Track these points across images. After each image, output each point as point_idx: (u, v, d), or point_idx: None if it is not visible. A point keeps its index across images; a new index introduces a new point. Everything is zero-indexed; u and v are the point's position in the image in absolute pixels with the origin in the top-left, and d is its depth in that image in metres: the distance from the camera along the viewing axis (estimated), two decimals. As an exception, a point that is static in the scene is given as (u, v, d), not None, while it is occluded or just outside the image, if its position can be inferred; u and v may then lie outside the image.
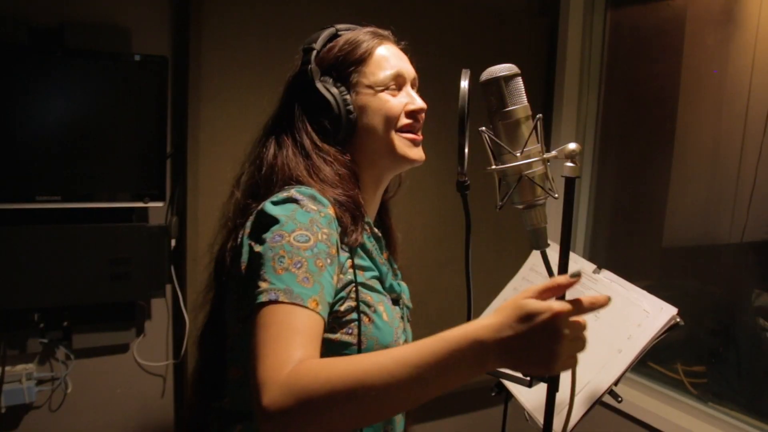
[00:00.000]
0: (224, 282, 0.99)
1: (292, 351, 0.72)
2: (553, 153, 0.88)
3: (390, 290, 1.05)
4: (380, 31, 1.07)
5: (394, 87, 1.03)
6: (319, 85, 0.99)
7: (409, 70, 1.07)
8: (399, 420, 1.04)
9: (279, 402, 0.68)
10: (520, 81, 0.87)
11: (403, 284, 1.11)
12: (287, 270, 0.80)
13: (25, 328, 1.76)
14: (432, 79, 2.17)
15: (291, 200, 0.88)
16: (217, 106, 1.85)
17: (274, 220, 0.86)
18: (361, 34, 1.04)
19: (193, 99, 1.84)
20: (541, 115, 0.87)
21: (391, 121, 1.01)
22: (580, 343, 0.70)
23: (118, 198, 1.76)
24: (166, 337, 1.99)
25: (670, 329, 1.20)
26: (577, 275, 0.72)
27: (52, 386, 1.85)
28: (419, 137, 1.05)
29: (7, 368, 1.75)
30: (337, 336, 0.92)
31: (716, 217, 2.13)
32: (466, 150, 0.90)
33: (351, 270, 0.94)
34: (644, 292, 1.27)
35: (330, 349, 0.90)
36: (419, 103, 1.05)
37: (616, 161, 2.50)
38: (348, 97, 1.00)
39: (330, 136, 1.00)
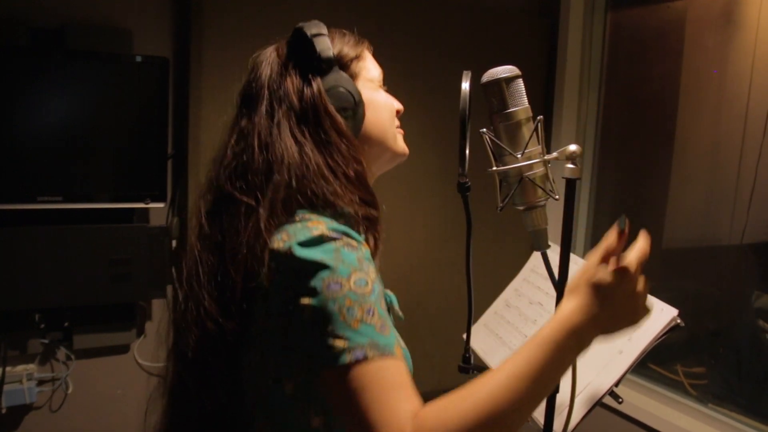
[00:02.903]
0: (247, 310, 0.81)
1: (403, 407, 0.68)
2: (554, 154, 0.88)
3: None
4: (349, 33, 1.00)
5: (381, 87, 1.00)
6: (344, 74, 0.91)
7: None
8: None
9: None
10: (521, 83, 0.87)
11: (390, 292, 1.02)
12: (362, 321, 0.72)
13: (25, 328, 1.76)
14: (433, 81, 2.18)
15: (327, 239, 0.76)
16: (217, 107, 1.85)
17: (318, 266, 0.74)
18: (344, 35, 0.98)
19: (194, 100, 1.85)
20: (541, 116, 0.87)
21: (393, 116, 0.99)
22: (645, 292, 0.77)
23: (119, 199, 1.76)
24: (166, 338, 1.99)
25: (671, 330, 1.20)
26: (623, 224, 0.78)
27: (53, 387, 1.85)
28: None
29: (8, 369, 1.76)
30: None
31: (716, 218, 2.13)
32: (467, 151, 0.90)
33: None
34: (644, 294, 1.27)
35: None
36: (400, 104, 1.02)
37: (617, 163, 2.50)
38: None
39: (351, 131, 0.91)
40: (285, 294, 0.75)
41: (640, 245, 0.77)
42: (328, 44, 0.90)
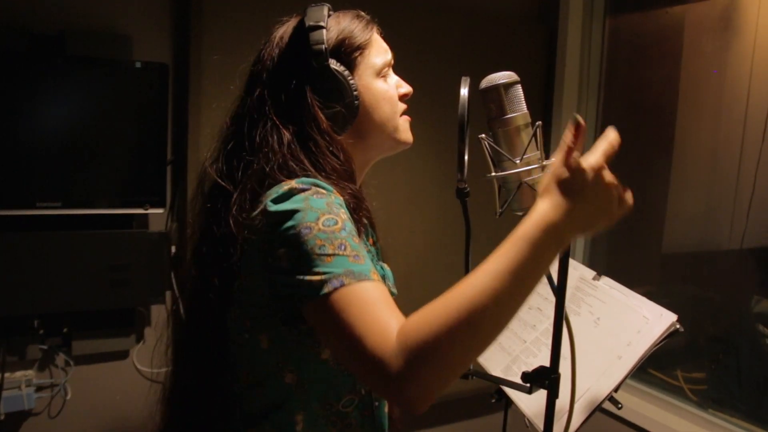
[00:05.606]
0: (224, 280, 0.89)
1: (385, 320, 0.70)
2: (553, 160, 0.88)
3: None
4: (363, 14, 1.03)
5: (388, 71, 1.02)
6: (337, 68, 0.92)
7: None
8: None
9: (406, 367, 0.66)
10: (519, 88, 0.87)
11: (386, 266, 1.04)
12: (335, 255, 0.75)
13: (24, 334, 1.76)
14: (432, 86, 2.18)
15: (296, 191, 0.81)
16: (217, 113, 1.85)
17: (289, 215, 0.78)
18: (355, 18, 1.00)
19: (193, 106, 1.85)
20: (540, 122, 0.88)
21: (395, 106, 1.00)
22: (618, 187, 0.78)
23: (119, 204, 1.76)
24: (165, 343, 1.99)
25: (670, 336, 1.20)
26: (576, 123, 0.76)
27: (52, 393, 1.85)
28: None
29: (7, 375, 1.75)
30: None
31: (716, 223, 2.13)
32: (466, 157, 0.90)
33: None
34: (644, 299, 1.27)
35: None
36: (409, 86, 1.05)
37: (615, 168, 2.50)
38: (353, 81, 0.94)
39: (339, 124, 0.93)
40: (263, 249, 0.81)
41: (607, 136, 0.77)
42: (322, 38, 0.91)
